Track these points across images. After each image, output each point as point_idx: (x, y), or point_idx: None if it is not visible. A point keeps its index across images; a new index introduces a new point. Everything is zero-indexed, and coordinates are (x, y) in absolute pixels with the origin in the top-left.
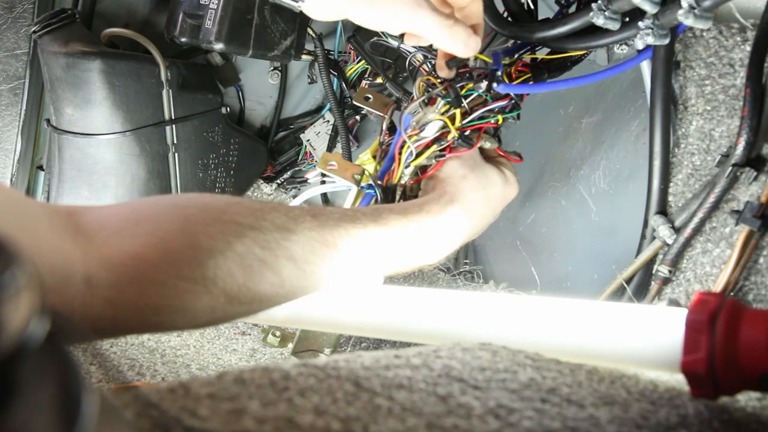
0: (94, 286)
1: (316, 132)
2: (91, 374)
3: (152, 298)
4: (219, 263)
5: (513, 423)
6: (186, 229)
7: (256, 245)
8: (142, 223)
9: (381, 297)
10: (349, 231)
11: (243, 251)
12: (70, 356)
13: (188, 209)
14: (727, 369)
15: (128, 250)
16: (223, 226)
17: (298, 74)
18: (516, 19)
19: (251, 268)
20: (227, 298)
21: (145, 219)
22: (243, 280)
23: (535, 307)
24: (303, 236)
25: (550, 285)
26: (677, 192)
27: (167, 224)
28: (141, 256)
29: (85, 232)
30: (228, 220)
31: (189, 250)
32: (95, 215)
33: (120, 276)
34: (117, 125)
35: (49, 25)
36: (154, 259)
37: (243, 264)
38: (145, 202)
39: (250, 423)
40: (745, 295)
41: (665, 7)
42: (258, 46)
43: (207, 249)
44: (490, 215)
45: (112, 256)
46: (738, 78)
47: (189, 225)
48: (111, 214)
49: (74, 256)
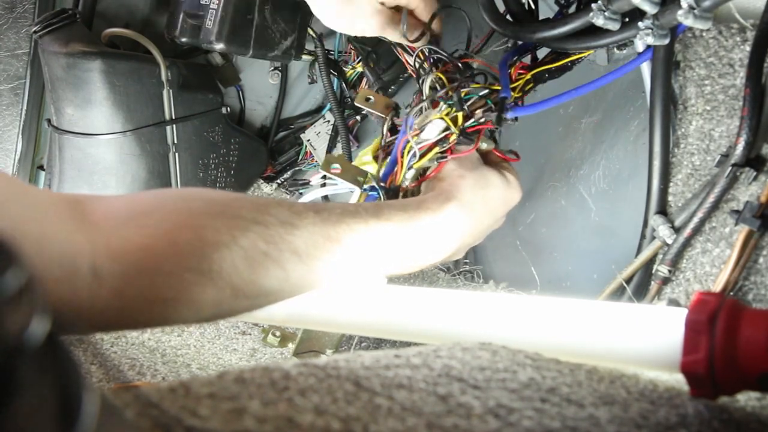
0: (102, 276)
1: (317, 132)
2: (92, 374)
3: (160, 289)
4: (224, 256)
5: (513, 423)
6: (191, 222)
7: (261, 239)
8: (148, 214)
9: (381, 297)
10: (351, 226)
11: (247, 245)
12: (71, 356)
13: (193, 202)
14: (727, 369)
15: (136, 240)
16: (228, 220)
17: (298, 74)
18: (516, 19)
19: (256, 261)
20: (233, 291)
21: (151, 210)
22: (248, 274)
23: (535, 307)
24: (306, 231)
25: (550, 285)
26: (677, 192)
27: (173, 216)
28: (148, 247)
29: (92, 221)
30: (232, 214)
31: (195, 243)
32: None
33: (128, 267)
34: (117, 125)
35: (50, 25)
36: (161, 251)
37: (247, 257)
38: (151, 194)
39: (251, 422)
40: (745, 295)
41: (665, 7)
42: (258, 46)
43: (212, 242)
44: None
45: (120, 247)
46: (738, 78)
47: (194, 218)
48: (117, 204)
49: (81, 246)
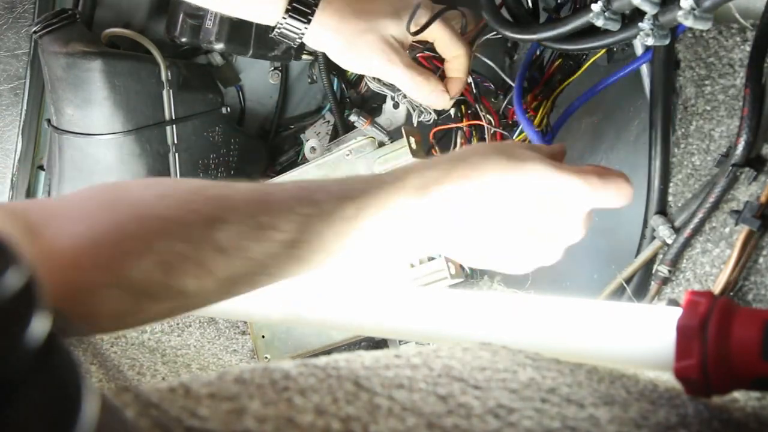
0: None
1: (316, 132)
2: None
3: (83, 306)
4: (139, 265)
5: (513, 423)
6: (114, 229)
7: (179, 240)
8: (78, 221)
9: (381, 297)
10: (296, 210)
11: (163, 248)
12: (71, 356)
13: (117, 209)
14: (720, 374)
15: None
16: (147, 222)
17: (298, 74)
18: (517, 20)
19: (171, 264)
20: (149, 298)
21: (81, 218)
22: (163, 278)
23: (534, 307)
24: (235, 224)
25: (550, 284)
26: (677, 192)
27: (97, 226)
28: (74, 263)
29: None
30: (153, 215)
31: (114, 255)
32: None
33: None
34: (117, 125)
35: (50, 25)
36: (86, 266)
37: (163, 262)
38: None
39: (251, 423)
40: (745, 295)
41: (665, 7)
42: (258, 46)
43: (127, 251)
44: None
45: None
46: (738, 78)
47: (116, 224)
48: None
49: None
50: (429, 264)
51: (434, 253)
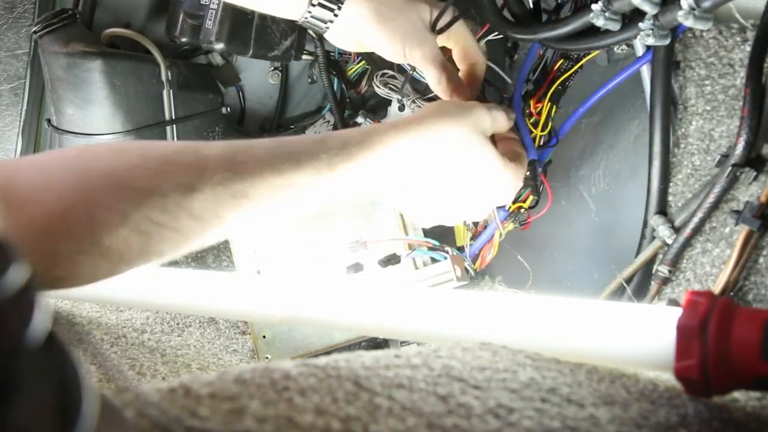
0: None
1: (316, 132)
2: (91, 374)
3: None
4: (115, 235)
5: (513, 422)
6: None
7: (154, 210)
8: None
9: (381, 297)
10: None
11: (139, 218)
12: (71, 356)
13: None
14: (720, 374)
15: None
16: (122, 193)
17: (298, 74)
18: (518, 20)
19: (148, 233)
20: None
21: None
22: (140, 246)
23: (534, 307)
24: (209, 193)
25: (550, 284)
26: (677, 192)
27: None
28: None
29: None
30: (127, 186)
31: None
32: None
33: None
34: (117, 125)
35: (50, 25)
36: (57, 233)
37: (140, 232)
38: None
39: (251, 422)
40: (745, 295)
41: (665, 7)
42: (258, 46)
43: (103, 222)
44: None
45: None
46: (738, 78)
47: (89, 194)
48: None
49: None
50: (434, 266)
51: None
